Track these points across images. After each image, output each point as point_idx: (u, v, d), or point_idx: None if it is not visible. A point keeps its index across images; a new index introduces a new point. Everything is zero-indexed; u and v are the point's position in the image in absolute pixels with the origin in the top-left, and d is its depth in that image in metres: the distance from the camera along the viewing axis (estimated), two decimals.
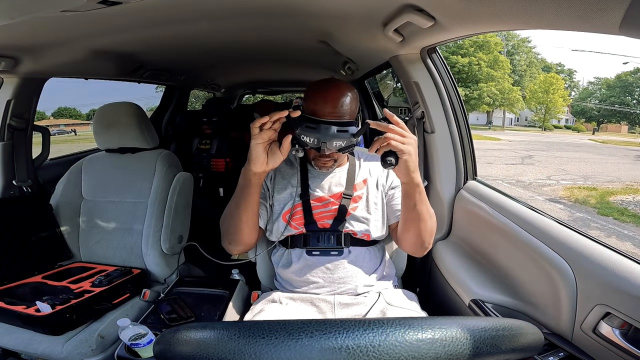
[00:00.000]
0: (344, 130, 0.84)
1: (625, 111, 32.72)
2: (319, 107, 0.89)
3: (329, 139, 0.83)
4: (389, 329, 0.36)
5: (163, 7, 0.95)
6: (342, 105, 0.89)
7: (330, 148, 0.84)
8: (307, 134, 0.84)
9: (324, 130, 0.83)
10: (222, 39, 1.46)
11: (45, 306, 0.98)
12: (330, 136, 0.83)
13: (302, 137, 0.85)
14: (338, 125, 0.84)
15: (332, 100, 0.89)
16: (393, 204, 1.05)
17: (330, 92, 0.90)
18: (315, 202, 1.01)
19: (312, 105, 0.90)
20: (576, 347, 0.73)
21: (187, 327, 0.38)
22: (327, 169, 1.02)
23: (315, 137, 0.83)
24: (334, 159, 1.00)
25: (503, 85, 26.01)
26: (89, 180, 1.43)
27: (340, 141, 0.84)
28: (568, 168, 10.65)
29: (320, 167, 1.01)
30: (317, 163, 1.01)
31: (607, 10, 0.47)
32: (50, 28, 1.01)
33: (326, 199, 1.01)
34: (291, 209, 1.00)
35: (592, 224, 5.62)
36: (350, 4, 0.96)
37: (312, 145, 0.85)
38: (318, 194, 1.02)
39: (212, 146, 2.44)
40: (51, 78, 1.50)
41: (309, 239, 1.00)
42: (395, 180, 1.06)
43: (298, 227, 1.00)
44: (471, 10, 0.72)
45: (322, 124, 0.84)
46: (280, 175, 1.06)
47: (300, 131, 0.85)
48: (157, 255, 1.31)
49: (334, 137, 0.83)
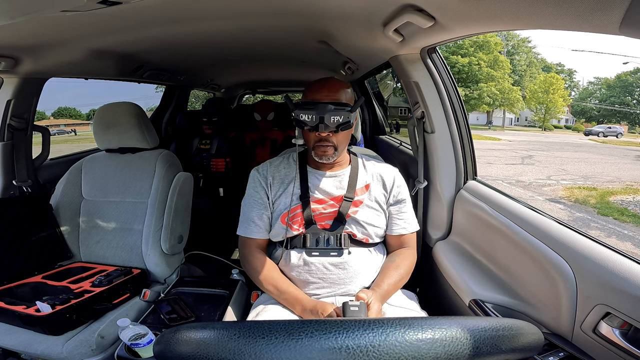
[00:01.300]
0: (340, 107, 0.92)
1: (625, 111, 32.71)
2: (316, 92, 0.96)
3: (326, 114, 0.91)
4: (389, 329, 0.36)
5: (163, 7, 0.95)
6: (337, 91, 0.96)
7: (328, 124, 0.92)
8: (306, 112, 0.92)
9: (321, 107, 0.92)
10: (222, 39, 1.46)
11: (45, 306, 0.98)
12: (327, 111, 0.91)
13: (300, 116, 0.93)
14: (334, 104, 0.92)
15: (327, 87, 0.96)
16: (395, 218, 1.06)
17: (325, 81, 0.99)
18: (315, 204, 1.01)
19: (309, 94, 0.98)
20: (576, 347, 0.73)
21: (187, 327, 0.38)
22: (328, 157, 0.99)
23: (313, 114, 0.91)
24: (334, 145, 0.98)
25: (503, 85, 25.99)
26: (89, 180, 1.43)
27: (337, 116, 0.92)
28: (568, 168, 10.64)
29: (320, 156, 0.99)
30: (317, 152, 0.99)
31: (607, 10, 0.47)
32: (50, 28, 1.01)
33: (326, 201, 1.02)
34: (289, 212, 1.00)
35: (592, 224, 5.61)
36: (350, 4, 0.97)
37: (310, 124, 0.93)
38: (318, 196, 1.02)
39: (212, 146, 2.44)
40: (51, 78, 1.50)
41: (309, 239, 1.00)
42: (402, 192, 1.07)
43: (298, 229, 1.00)
44: (471, 10, 0.72)
45: (319, 103, 0.92)
46: (279, 178, 1.06)
47: (298, 111, 0.94)
48: (157, 255, 1.31)
49: (331, 113, 0.91)
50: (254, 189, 1.06)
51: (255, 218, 1.03)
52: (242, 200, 1.08)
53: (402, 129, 3.13)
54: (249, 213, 1.04)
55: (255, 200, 1.04)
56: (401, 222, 1.06)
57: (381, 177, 1.07)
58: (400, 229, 1.06)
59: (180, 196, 1.38)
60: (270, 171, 1.06)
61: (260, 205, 1.04)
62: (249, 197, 1.06)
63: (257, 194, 1.05)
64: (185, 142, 2.50)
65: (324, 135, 0.95)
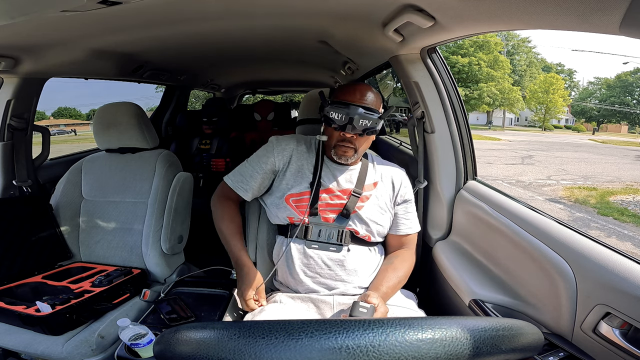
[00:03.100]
0: (370, 113, 0.95)
1: (625, 111, 32.70)
2: (349, 95, 0.98)
3: (356, 116, 0.94)
4: (389, 329, 0.36)
5: (163, 7, 0.95)
6: (369, 97, 0.98)
7: (356, 126, 0.95)
8: (337, 111, 0.95)
9: (353, 108, 0.95)
10: (222, 39, 1.46)
11: (45, 306, 0.98)
12: (358, 114, 0.94)
13: (331, 113, 0.96)
14: (365, 109, 0.95)
15: (360, 91, 0.99)
16: (402, 218, 1.08)
17: (358, 86, 1.01)
18: (324, 194, 1.02)
19: (341, 94, 1.00)
20: (576, 347, 0.73)
21: (187, 327, 0.38)
22: (347, 158, 1.01)
23: (344, 114, 0.95)
24: (355, 147, 1.00)
25: (503, 85, 25.98)
26: (89, 180, 1.43)
27: (366, 121, 0.95)
28: (568, 168, 10.64)
29: (340, 156, 1.01)
30: (337, 151, 1.01)
31: (607, 10, 0.47)
32: (50, 28, 1.01)
33: (333, 191, 1.02)
34: (296, 194, 1.02)
35: (592, 224, 5.61)
36: (350, 4, 0.97)
37: (339, 123, 0.96)
38: (327, 186, 1.03)
39: (212, 146, 2.44)
40: (51, 78, 1.50)
41: (310, 231, 1.00)
42: (408, 193, 1.09)
43: (301, 215, 1.00)
44: (471, 10, 0.72)
45: (352, 105, 0.95)
46: (297, 158, 1.06)
47: (329, 108, 0.97)
48: (157, 255, 1.31)
49: (361, 116, 0.94)
50: (266, 156, 1.06)
51: (249, 179, 1.06)
52: (249, 158, 1.10)
53: (402, 129, 3.13)
54: (248, 171, 1.07)
55: (261, 165, 1.06)
56: (408, 222, 1.08)
57: (390, 178, 1.08)
58: (406, 229, 1.07)
59: (181, 196, 1.38)
60: (291, 148, 1.07)
61: (263, 172, 1.05)
62: (257, 159, 1.07)
63: (268, 160, 1.05)
64: (185, 142, 2.50)
65: (349, 137, 0.97)
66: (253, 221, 1.15)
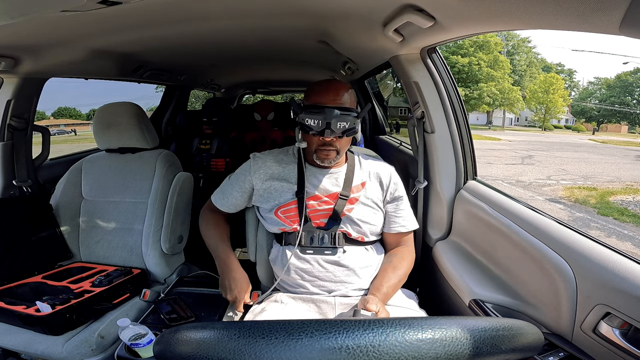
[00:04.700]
0: (346, 113, 0.91)
1: (625, 111, 32.70)
2: (322, 96, 0.95)
3: (333, 120, 0.90)
4: (389, 329, 0.36)
5: (163, 7, 0.95)
6: (343, 95, 0.95)
7: (334, 130, 0.91)
8: (312, 117, 0.91)
9: (328, 112, 0.90)
10: (222, 39, 1.46)
11: (45, 306, 0.98)
12: (334, 117, 0.90)
13: (306, 120, 0.92)
14: (340, 109, 0.91)
15: (333, 90, 0.95)
16: (393, 215, 1.06)
17: (330, 84, 0.97)
18: (311, 201, 1.01)
19: (314, 97, 0.96)
20: (576, 347, 0.73)
21: (187, 327, 0.38)
22: (330, 161, 1.00)
23: (319, 119, 0.90)
24: (336, 149, 0.99)
25: (503, 85, 25.98)
26: (89, 180, 1.43)
27: (344, 122, 0.91)
28: (568, 168, 10.64)
29: (322, 159, 1.00)
30: (319, 155, 0.99)
31: (607, 10, 0.47)
32: (50, 28, 1.01)
33: (321, 197, 1.02)
34: (283, 205, 1.01)
35: (592, 224, 5.61)
36: (350, 4, 0.97)
37: (316, 129, 0.92)
38: (313, 192, 1.02)
39: (212, 146, 2.44)
40: (51, 78, 1.50)
41: (303, 237, 0.99)
42: (399, 190, 1.08)
43: (292, 224, 1.00)
44: (471, 10, 0.72)
45: (326, 107, 0.91)
46: (280, 171, 1.05)
47: (304, 115, 0.92)
48: (157, 255, 1.31)
49: (338, 118, 0.90)
50: (244, 174, 1.07)
51: (229, 197, 1.09)
52: (232, 174, 1.12)
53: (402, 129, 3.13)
54: (229, 189, 1.09)
55: (239, 183, 1.07)
56: (400, 220, 1.06)
57: (377, 175, 1.07)
58: (398, 227, 1.05)
59: (181, 196, 1.38)
60: (269, 163, 1.06)
61: (241, 190, 1.07)
62: (236, 177, 1.09)
63: (245, 179, 1.06)
64: (185, 142, 2.50)
65: (328, 140, 0.95)
66: (252, 224, 1.15)
